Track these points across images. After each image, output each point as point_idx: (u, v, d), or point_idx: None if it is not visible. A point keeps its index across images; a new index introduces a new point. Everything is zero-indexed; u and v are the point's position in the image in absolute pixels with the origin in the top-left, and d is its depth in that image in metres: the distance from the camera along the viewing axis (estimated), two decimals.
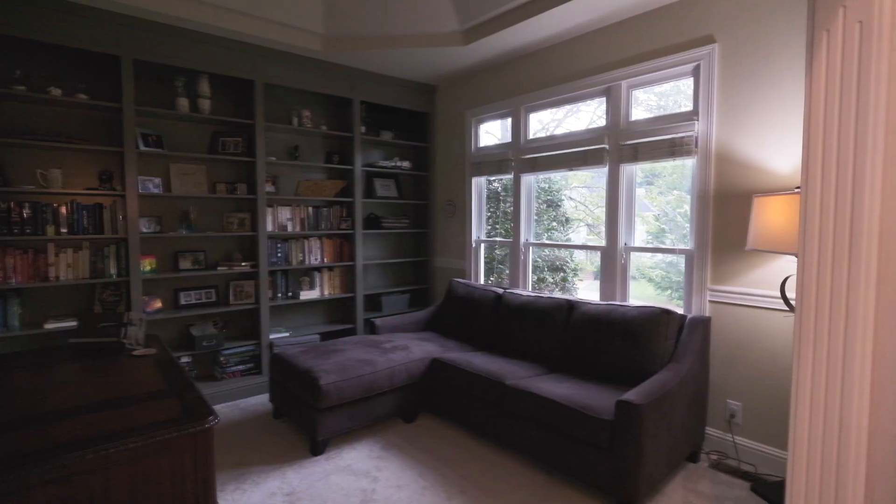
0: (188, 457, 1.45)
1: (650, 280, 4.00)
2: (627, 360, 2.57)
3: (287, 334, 3.82)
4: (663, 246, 3.35)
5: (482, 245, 4.28)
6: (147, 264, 3.28)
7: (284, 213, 3.86)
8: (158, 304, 3.39)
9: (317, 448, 2.67)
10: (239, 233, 3.57)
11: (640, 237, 3.26)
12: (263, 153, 3.57)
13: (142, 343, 2.31)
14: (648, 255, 3.60)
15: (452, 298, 3.81)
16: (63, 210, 2.95)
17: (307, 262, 3.97)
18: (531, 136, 3.77)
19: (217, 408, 3.38)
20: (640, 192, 3.37)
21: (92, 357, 2.19)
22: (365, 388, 2.75)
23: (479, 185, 4.26)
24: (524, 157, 3.72)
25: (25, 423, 1.48)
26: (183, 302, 3.52)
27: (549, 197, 4.98)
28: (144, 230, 3.25)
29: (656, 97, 3.30)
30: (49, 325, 2.89)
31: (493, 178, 4.20)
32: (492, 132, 4.32)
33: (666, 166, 3.29)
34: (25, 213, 2.84)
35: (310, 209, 3.98)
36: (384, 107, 4.35)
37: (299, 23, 3.39)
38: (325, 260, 4.08)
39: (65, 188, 2.95)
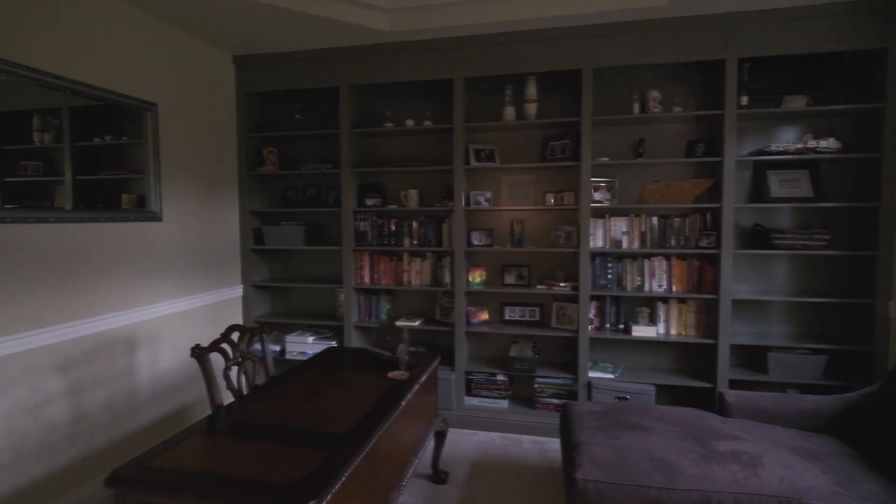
0: None
1: None
2: None
3: (612, 376, 3.08)
4: None
5: None
6: (477, 276, 3.35)
7: (619, 226, 3.10)
8: (485, 316, 3.41)
9: None
10: (561, 248, 3.13)
11: None
12: (589, 154, 2.96)
13: (405, 362, 2.28)
14: None
15: None
16: (415, 224, 3.39)
17: (647, 288, 3.07)
18: None
19: (522, 439, 3.09)
20: None
21: (371, 368, 2.33)
22: None
23: None
24: None
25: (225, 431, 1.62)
26: (507, 317, 3.42)
27: None
28: (476, 243, 3.33)
29: None
30: (399, 323, 3.38)
31: None
32: None
33: None
34: (392, 227, 3.43)
35: (653, 220, 3.05)
36: (784, 60, 2.79)
37: None
38: (674, 288, 3.04)
39: (418, 206, 3.37)
